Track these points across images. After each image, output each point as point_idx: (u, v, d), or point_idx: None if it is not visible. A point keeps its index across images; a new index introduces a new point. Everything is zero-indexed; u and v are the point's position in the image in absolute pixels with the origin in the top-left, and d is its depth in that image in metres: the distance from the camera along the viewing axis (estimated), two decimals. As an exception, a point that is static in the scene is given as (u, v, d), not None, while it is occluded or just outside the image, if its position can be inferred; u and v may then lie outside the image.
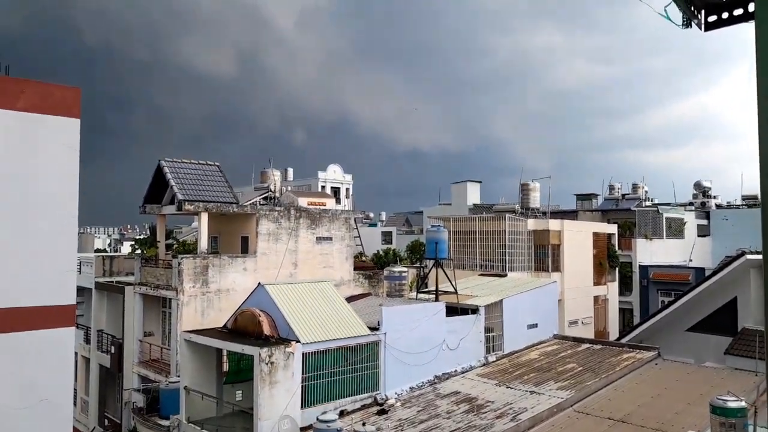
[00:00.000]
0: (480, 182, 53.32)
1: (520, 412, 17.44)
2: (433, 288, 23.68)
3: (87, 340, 28.65)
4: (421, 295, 24.60)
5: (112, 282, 27.76)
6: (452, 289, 23.17)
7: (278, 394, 16.18)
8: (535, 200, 38.32)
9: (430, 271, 24.61)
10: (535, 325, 24.72)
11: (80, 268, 28.91)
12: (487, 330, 23.04)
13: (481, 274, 29.90)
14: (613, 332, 35.77)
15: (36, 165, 7.91)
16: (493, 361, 22.67)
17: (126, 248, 58.19)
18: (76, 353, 27.34)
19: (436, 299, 22.72)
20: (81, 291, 27.25)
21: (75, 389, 27.73)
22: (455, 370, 21.27)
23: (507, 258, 30.63)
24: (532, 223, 32.57)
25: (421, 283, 26.15)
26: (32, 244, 7.78)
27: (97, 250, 53.60)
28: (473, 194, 52.07)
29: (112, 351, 25.84)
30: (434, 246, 23.23)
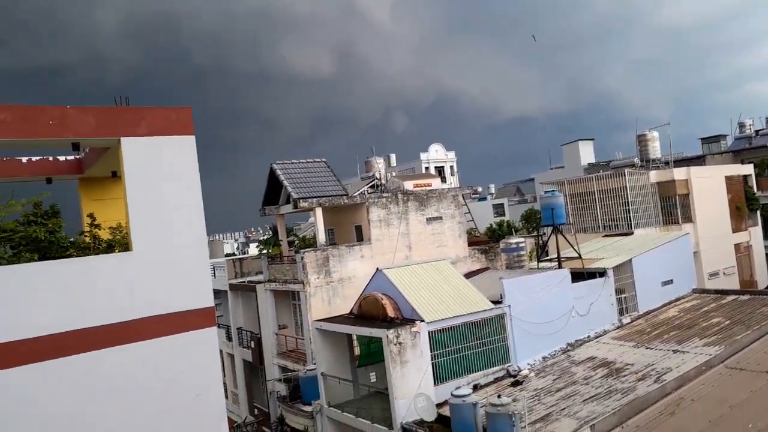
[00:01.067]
0: (592, 139, 50.52)
1: (663, 372, 16.49)
2: (554, 255, 22.92)
3: (229, 338, 30.93)
4: (542, 264, 23.92)
5: (244, 282, 29.69)
6: (575, 254, 22.29)
7: (410, 373, 16.51)
8: (655, 150, 35.68)
9: (549, 238, 23.84)
10: (670, 281, 23.18)
11: (214, 273, 31.20)
12: (618, 292, 21.95)
13: (606, 235, 28.47)
14: (762, 281, 32.66)
15: (163, 184, 8.58)
16: (628, 323, 21.57)
17: (252, 250, 61.95)
18: (221, 351, 29.65)
19: (559, 266, 21.98)
20: (218, 293, 29.44)
21: (225, 383, 30.14)
22: (588, 336, 20.52)
23: (631, 215, 28.90)
24: (654, 176, 30.42)
25: (540, 251, 25.39)
26: (170, 256, 8.47)
27: (227, 255, 57.57)
28: (587, 153, 49.43)
29: (252, 346, 27.69)
30: (550, 212, 22.42)
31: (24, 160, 11.99)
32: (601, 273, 21.59)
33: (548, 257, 25.11)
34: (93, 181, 12.31)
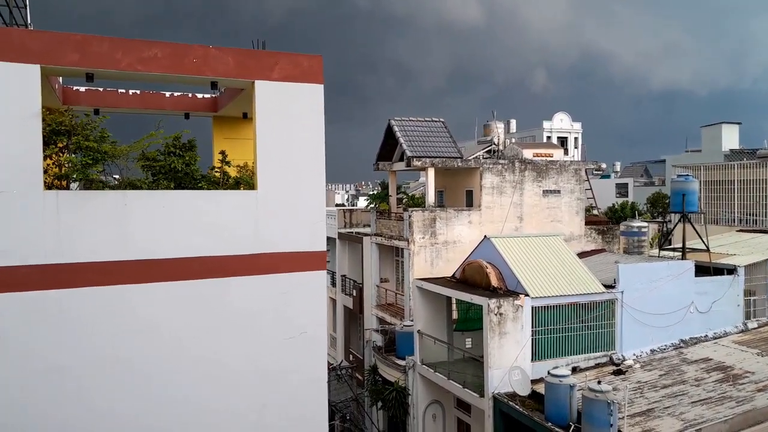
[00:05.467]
0: (739, 123, 45.66)
1: (790, 389, 14.98)
2: (678, 245, 21.31)
3: (333, 284, 32.14)
4: (664, 253, 22.36)
5: (352, 233, 30.53)
6: (703, 247, 20.58)
7: (507, 345, 16.28)
8: (815, 141, 31.63)
9: (675, 226, 22.15)
10: (812, 291, 20.82)
11: (326, 221, 32.31)
12: (747, 293, 20.10)
13: (740, 230, 25.97)
14: None
15: (290, 129, 8.84)
16: (754, 328, 19.74)
17: (361, 203, 63.35)
18: (325, 295, 30.78)
19: (683, 257, 20.44)
20: (327, 240, 30.37)
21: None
22: (705, 335, 19.07)
23: (774, 211, 26.07)
24: (810, 170, 27.07)
25: (664, 239, 23.72)
26: (291, 198, 8.79)
27: (337, 205, 59.41)
28: (730, 138, 44.77)
29: (354, 294, 28.62)
30: (681, 198, 20.74)
31: (167, 94, 12.88)
32: (730, 270, 19.82)
33: (671, 246, 23.40)
34: (225, 120, 13.00)
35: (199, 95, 13.01)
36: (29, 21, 11.43)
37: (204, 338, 8.22)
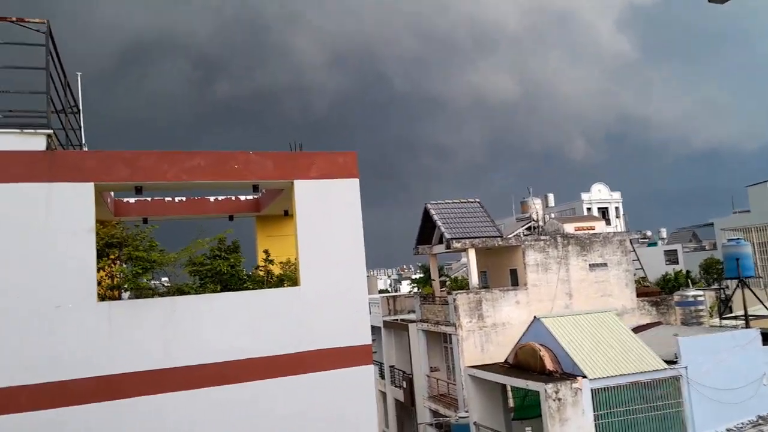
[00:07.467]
0: (788, 179, 44.28)
1: None
2: (740, 312, 20.22)
3: (381, 376, 31.35)
4: (725, 322, 21.21)
5: (398, 320, 30.09)
6: (766, 313, 19.45)
7: (570, 431, 15.36)
8: None
9: (734, 292, 21.14)
10: None
11: (370, 309, 32.04)
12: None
13: (805, 292, 24.52)
14: None
15: (329, 223, 9.02)
16: (840, 400, 18.14)
17: (404, 287, 62.91)
18: (374, 387, 29.97)
19: (747, 325, 19.31)
20: (372, 330, 29.99)
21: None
22: (785, 410, 17.61)
23: (840, 269, 24.66)
24: None
25: (723, 307, 22.57)
26: (334, 292, 8.81)
27: (381, 291, 59.06)
28: (779, 196, 43.35)
29: (404, 386, 27.76)
30: (735, 263, 19.93)
31: (211, 199, 13.42)
32: (802, 336, 18.56)
33: (732, 314, 22.22)
34: (268, 219, 13.38)
35: (242, 197, 13.51)
36: (83, 141, 12.29)
37: (253, 443, 8.02)
